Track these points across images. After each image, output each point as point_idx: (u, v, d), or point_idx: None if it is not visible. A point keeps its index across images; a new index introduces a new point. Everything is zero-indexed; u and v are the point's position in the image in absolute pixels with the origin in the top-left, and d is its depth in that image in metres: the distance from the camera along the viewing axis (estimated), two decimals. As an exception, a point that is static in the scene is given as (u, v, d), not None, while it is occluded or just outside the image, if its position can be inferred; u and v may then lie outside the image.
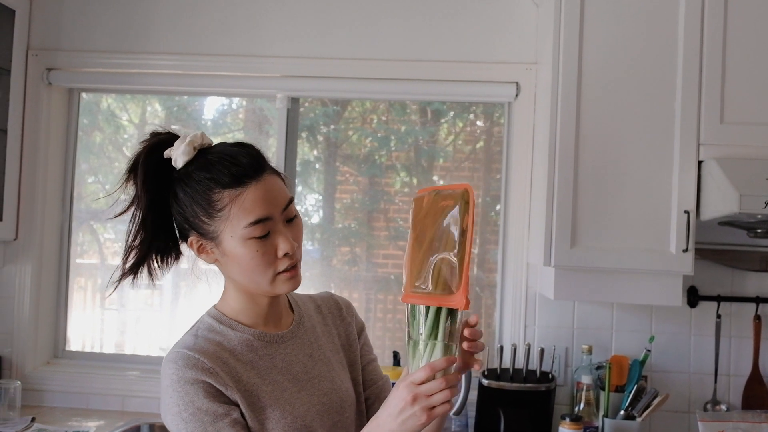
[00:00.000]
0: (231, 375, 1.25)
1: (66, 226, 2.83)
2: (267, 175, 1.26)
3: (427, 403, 1.10)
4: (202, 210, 1.24)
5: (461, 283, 1.11)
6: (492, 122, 2.79)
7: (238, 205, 1.22)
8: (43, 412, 2.55)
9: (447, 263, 1.13)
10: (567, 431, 2.22)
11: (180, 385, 1.22)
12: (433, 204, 1.19)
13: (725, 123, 2.15)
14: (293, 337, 1.36)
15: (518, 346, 2.47)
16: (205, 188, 1.23)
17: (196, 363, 1.22)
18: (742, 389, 2.47)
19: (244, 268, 1.25)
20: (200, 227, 1.26)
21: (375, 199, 2.81)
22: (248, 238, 1.23)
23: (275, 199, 1.25)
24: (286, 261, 1.26)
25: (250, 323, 1.32)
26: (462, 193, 1.14)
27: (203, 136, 1.28)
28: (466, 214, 1.13)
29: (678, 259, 2.14)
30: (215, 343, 1.28)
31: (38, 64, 2.69)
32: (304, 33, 2.65)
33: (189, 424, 1.20)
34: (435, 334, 1.13)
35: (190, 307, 2.84)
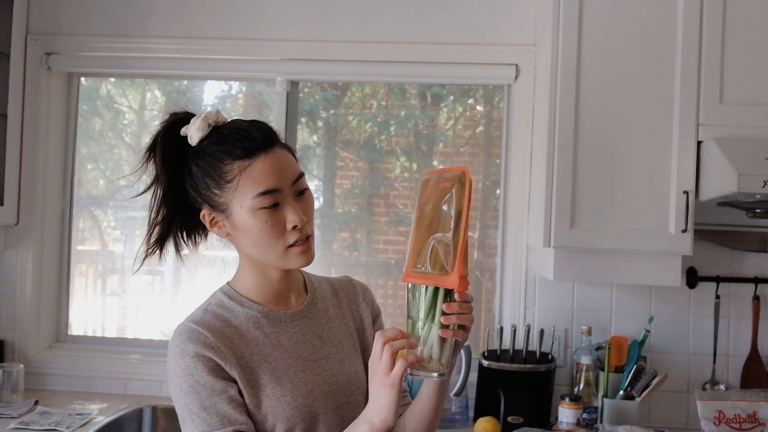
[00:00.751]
0: (233, 351, 1.26)
1: (67, 211, 2.84)
2: (277, 149, 1.28)
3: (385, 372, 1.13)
4: (213, 182, 1.27)
5: (455, 263, 1.11)
6: (492, 106, 2.80)
7: (246, 175, 1.24)
8: (46, 396, 2.57)
9: (443, 244, 1.14)
10: (567, 411, 2.23)
11: (182, 357, 1.25)
12: (434, 186, 1.20)
13: (724, 103, 2.15)
14: (303, 316, 1.37)
15: (518, 327, 2.48)
16: (216, 160, 1.26)
17: (199, 337, 1.25)
18: (740, 369, 2.48)
19: (253, 240, 1.27)
20: (211, 199, 1.28)
21: (375, 184, 2.81)
22: (257, 209, 1.25)
23: (284, 171, 1.27)
24: (295, 234, 1.27)
25: (260, 300, 1.34)
26: (459, 175, 1.15)
27: (218, 113, 1.30)
28: (462, 195, 1.13)
29: (677, 239, 2.15)
30: (222, 318, 1.30)
31: (37, 48, 2.69)
32: (303, 16, 2.65)
33: (187, 396, 1.23)
34: (432, 314, 1.14)
35: (191, 293, 2.85)
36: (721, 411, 2.22)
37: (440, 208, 1.17)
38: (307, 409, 1.28)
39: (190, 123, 1.30)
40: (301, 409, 1.27)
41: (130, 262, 2.89)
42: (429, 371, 1.15)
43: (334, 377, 1.34)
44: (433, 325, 1.14)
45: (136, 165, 1.34)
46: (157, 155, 1.30)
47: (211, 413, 1.21)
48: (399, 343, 1.13)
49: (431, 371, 1.15)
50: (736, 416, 2.21)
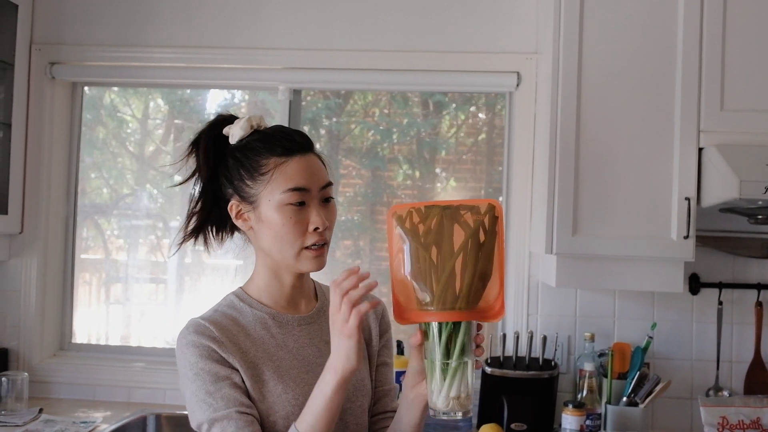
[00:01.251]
0: (237, 347, 1.31)
1: (71, 220, 2.85)
2: (313, 155, 1.35)
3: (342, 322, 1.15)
4: (247, 173, 1.33)
5: (500, 294, 1.12)
6: (494, 114, 2.80)
7: (281, 171, 1.31)
8: (50, 404, 2.57)
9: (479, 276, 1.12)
10: (570, 418, 2.23)
11: (187, 348, 1.30)
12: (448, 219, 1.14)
13: (725, 110, 2.16)
14: (311, 322, 1.40)
15: (521, 334, 2.48)
16: (255, 153, 1.33)
17: (204, 330, 1.31)
18: (743, 375, 2.48)
19: (275, 234, 1.32)
20: (242, 190, 1.34)
21: (378, 192, 2.82)
22: (285, 204, 1.30)
23: (316, 174, 1.33)
24: (315, 236, 1.31)
25: (270, 304, 1.39)
26: (488, 206, 1.14)
27: (262, 118, 1.39)
28: (495, 227, 1.13)
29: (679, 245, 2.15)
30: (230, 318, 1.35)
31: (41, 58, 2.71)
32: (306, 25, 2.67)
33: (193, 384, 1.28)
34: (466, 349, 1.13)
35: (195, 301, 2.86)
36: (724, 417, 2.22)
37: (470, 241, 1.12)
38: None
39: (234, 123, 1.37)
40: (301, 408, 1.28)
41: (133, 270, 2.90)
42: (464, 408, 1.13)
43: None
44: (467, 361, 1.13)
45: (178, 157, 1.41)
46: (200, 149, 1.37)
47: (216, 397, 1.26)
48: (356, 293, 1.15)
49: (467, 407, 1.14)
50: (740, 422, 2.21)
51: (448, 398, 1.13)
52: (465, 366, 1.13)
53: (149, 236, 2.91)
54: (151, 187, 2.94)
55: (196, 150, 1.38)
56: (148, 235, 2.91)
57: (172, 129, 2.96)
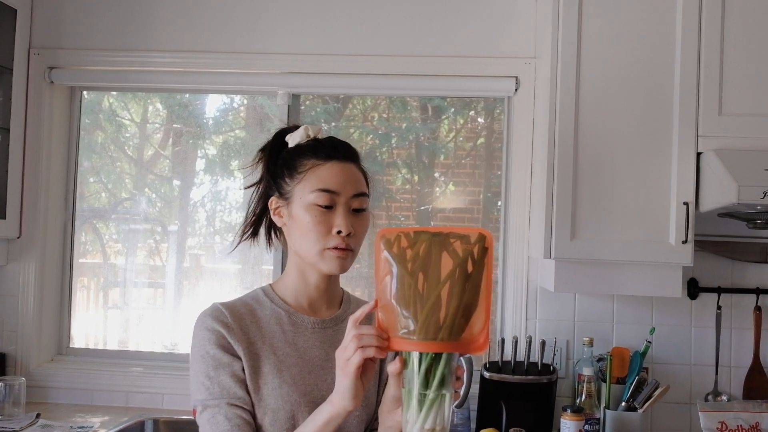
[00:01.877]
0: (246, 336, 1.37)
1: (69, 224, 2.85)
2: (353, 165, 1.41)
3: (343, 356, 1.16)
4: (287, 171, 1.41)
5: (484, 327, 1.09)
6: (493, 118, 2.81)
7: (314, 171, 1.37)
8: (48, 409, 2.57)
9: (464, 308, 1.09)
10: (569, 423, 2.22)
11: (200, 329, 1.37)
12: (436, 246, 1.11)
13: (723, 115, 2.16)
14: (326, 327, 1.44)
15: (520, 338, 2.48)
16: (299, 155, 1.40)
17: (219, 315, 1.38)
18: (743, 380, 2.48)
19: (301, 232, 1.37)
20: (281, 187, 1.41)
21: (377, 196, 2.82)
22: (312, 204, 1.35)
23: (349, 181, 1.38)
24: (337, 239, 1.35)
25: (292, 303, 1.44)
26: (479, 236, 1.10)
27: (320, 130, 1.46)
28: (484, 258, 1.10)
29: (677, 250, 2.15)
30: (249, 308, 1.42)
31: (40, 62, 2.71)
32: (304, 29, 2.67)
33: (197, 364, 1.36)
34: (443, 383, 1.09)
35: (193, 305, 2.85)
36: (723, 422, 2.22)
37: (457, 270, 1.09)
38: (298, 406, 1.33)
39: (295, 131, 1.45)
40: (292, 404, 1.33)
41: (132, 274, 2.90)
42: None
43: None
44: (445, 393, 1.10)
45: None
46: (266, 156, 1.47)
47: (214, 383, 1.33)
48: (367, 340, 1.13)
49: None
50: (739, 427, 2.21)
51: (422, 430, 1.09)
52: (443, 398, 1.09)
53: (147, 240, 2.91)
54: (149, 192, 2.94)
55: (264, 157, 1.47)
56: (147, 239, 2.91)
57: (171, 133, 2.96)
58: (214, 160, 2.90)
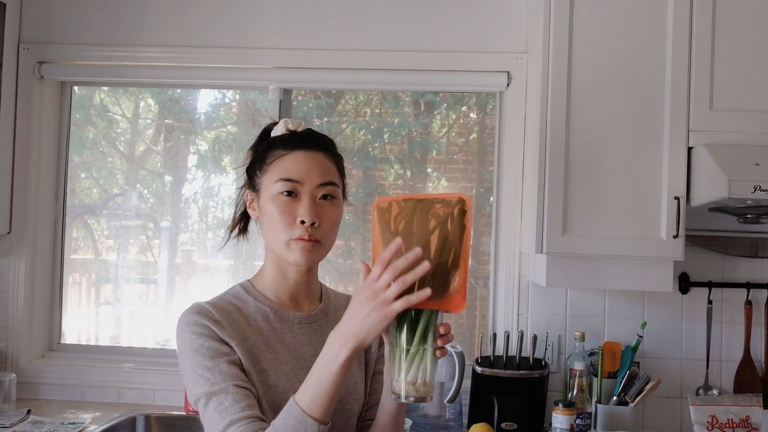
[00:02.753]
0: (237, 332, 1.33)
1: (60, 220, 2.84)
2: (320, 154, 1.38)
3: (384, 297, 1.09)
4: (258, 164, 1.40)
5: (462, 286, 1.12)
6: (485, 114, 2.81)
7: (279, 162, 1.36)
8: (39, 405, 2.55)
9: (442, 268, 1.13)
10: (560, 417, 2.23)
11: (188, 326, 1.32)
12: (420, 211, 1.16)
13: (714, 110, 2.17)
14: (311, 322, 1.41)
15: (511, 333, 2.48)
16: (270, 147, 1.39)
17: (206, 312, 1.34)
18: (733, 374, 2.49)
19: (267, 223, 1.36)
20: (254, 180, 1.41)
21: (369, 192, 2.82)
22: (276, 194, 1.34)
23: (313, 170, 1.35)
24: (301, 229, 1.33)
25: (274, 298, 1.41)
26: (458, 200, 1.15)
27: (301, 123, 1.43)
28: (463, 220, 1.14)
29: (668, 245, 2.15)
30: (234, 306, 1.38)
31: (30, 57, 2.69)
32: (296, 24, 2.66)
33: (192, 359, 1.29)
34: (426, 337, 1.14)
35: (185, 301, 2.84)
36: (714, 416, 2.23)
37: (435, 232, 1.14)
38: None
39: (276, 126, 1.44)
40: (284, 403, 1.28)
41: (123, 270, 2.89)
42: (422, 395, 1.14)
43: None
44: (426, 348, 1.14)
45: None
46: (253, 153, 1.44)
47: (214, 372, 1.27)
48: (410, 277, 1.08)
49: (424, 394, 1.14)
50: (729, 421, 2.21)
51: (405, 383, 1.13)
52: (424, 352, 1.13)
53: (139, 236, 2.90)
54: (141, 187, 2.93)
55: (251, 154, 1.45)
56: (138, 235, 2.90)
57: (163, 129, 2.95)
58: (206, 155, 2.89)
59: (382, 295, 1.09)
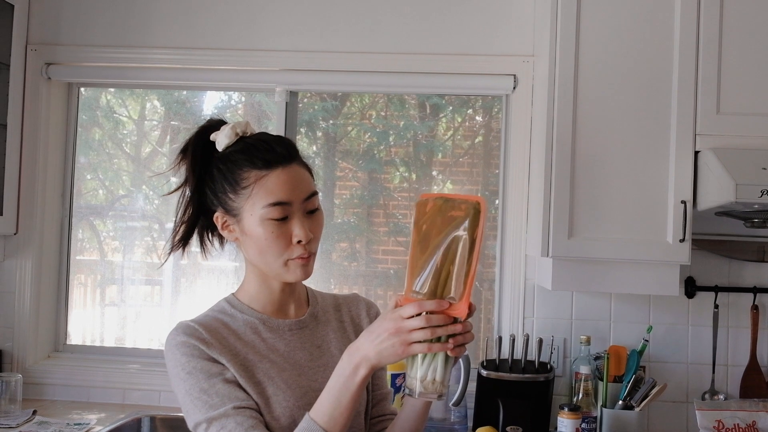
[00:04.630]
0: (227, 348, 1.30)
1: (66, 221, 2.85)
2: (296, 165, 1.33)
3: (406, 337, 1.12)
4: (229, 186, 1.31)
5: (464, 292, 1.12)
6: (491, 117, 2.80)
7: (261, 185, 1.29)
8: (45, 405, 2.56)
9: (450, 271, 1.13)
10: (566, 421, 2.22)
11: (177, 348, 1.29)
12: (441, 211, 1.18)
13: (721, 113, 2.16)
14: (302, 327, 1.40)
15: (517, 336, 2.48)
16: (236, 166, 1.31)
17: (194, 332, 1.30)
18: (739, 379, 2.48)
19: (259, 248, 1.31)
20: (226, 203, 1.33)
21: (374, 194, 2.82)
22: (266, 219, 1.29)
23: (298, 186, 1.31)
24: (299, 248, 1.31)
25: (261, 309, 1.38)
26: (474, 204, 1.15)
27: (247, 124, 1.36)
28: (476, 225, 1.13)
29: (675, 249, 2.15)
30: (221, 322, 1.35)
31: (37, 58, 2.70)
32: (303, 27, 2.67)
33: (186, 383, 1.27)
34: (437, 338, 1.13)
35: (190, 302, 2.85)
36: (720, 421, 2.22)
37: (449, 234, 1.15)
38: (299, 410, 1.29)
39: (220, 130, 1.35)
40: (292, 410, 1.29)
41: (129, 271, 2.89)
42: (431, 392, 1.16)
43: None
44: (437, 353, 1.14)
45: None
46: (188, 158, 1.36)
47: (211, 394, 1.25)
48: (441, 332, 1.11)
49: (433, 392, 1.16)
50: (736, 426, 2.21)
51: (417, 379, 1.15)
52: (435, 354, 1.14)
53: (145, 238, 2.91)
54: (146, 189, 2.93)
55: (185, 158, 1.36)
56: (144, 236, 2.90)
57: (169, 130, 2.95)
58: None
59: (405, 335, 1.11)
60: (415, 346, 1.11)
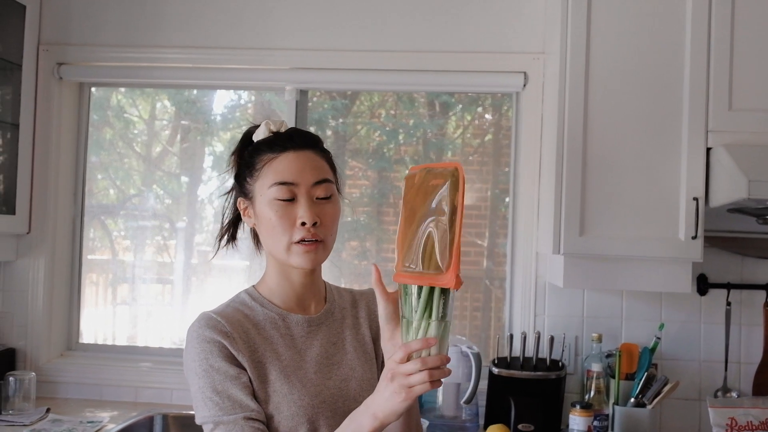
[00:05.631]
0: (247, 343, 1.31)
1: (78, 220, 2.86)
2: (311, 152, 1.36)
3: (405, 382, 1.11)
4: (247, 170, 1.37)
5: (451, 261, 1.10)
6: (500, 114, 2.80)
7: (270, 166, 1.34)
8: (58, 403, 2.58)
9: (437, 242, 1.12)
10: (578, 419, 2.22)
11: (198, 342, 1.30)
12: (423, 182, 1.18)
13: (733, 110, 2.15)
14: (320, 323, 1.41)
15: (528, 334, 2.47)
16: (256, 152, 1.37)
17: (216, 324, 1.31)
18: (752, 376, 2.47)
19: (266, 229, 1.34)
20: (245, 187, 1.38)
21: (384, 193, 2.82)
22: (273, 199, 1.32)
23: (307, 170, 1.34)
24: (303, 231, 1.31)
25: (281, 304, 1.39)
26: (452, 171, 1.14)
27: (283, 123, 1.40)
28: (456, 192, 1.12)
29: (687, 246, 2.14)
30: (242, 314, 1.36)
31: (49, 58, 2.72)
32: (313, 25, 2.67)
33: (201, 380, 1.28)
34: (429, 312, 1.13)
35: (201, 301, 2.86)
36: (733, 418, 2.21)
37: (432, 205, 1.14)
38: (313, 409, 1.30)
39: (258, 129, 1.40)
40: (306, 408, 1.30)
41: (140, 270, 2.90)
42: None
43: (344, 382, 1.37)
44: (431, 322, 1.13)
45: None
46: (236, 159, 1.42)
47: (223, 397, 1.26)
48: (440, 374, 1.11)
49: None
50: (749, 423, 2.20)
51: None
52: (426, 327, 1.13)
53: (156, 237, 2.92)
54: (157, 188, 2.94)
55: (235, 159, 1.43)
56: (155, 235, 2.92)
57: (179, 130, 2.96)
58: (222, 156, 2.90)
59: (403, 380, 1.11)
60: (415, 388, 1.11)
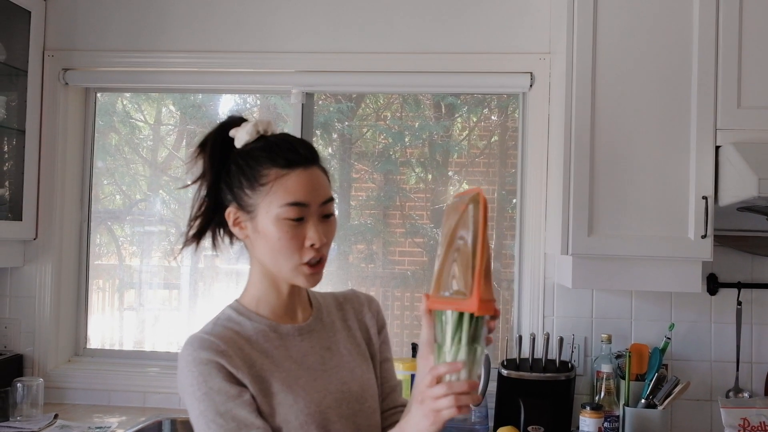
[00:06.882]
0: (244, 359, 1.28)
1: (84, 225, 2.86)
2: (316, 168, 1.32)
3: (433, 406, 1.11)
4: (247, 181, 1.29)
5: (473, 286, 1.09)
6: (506, 115, 2.79)
7: (280, 183, 1.27)
8: (66, 409, 2.58)
9: (463, 267, 1.12)
10: (588, 420, 2.20)
11: (195, 365, 1.25)
12: (453, 209, 1.19)
13: (742, 108, 2.14)
14: (310, 330, 1.39)
15: (537, 336, 2.46)
16: (257, 162, 1.29)
17: (210, 345, 1.27)
18: (764, 376, 2.45)
19: (271, 247, 1.29)
20: (241, 198, 1.31)
21: (390, 195, 2.81)
22: (282, 218, 1.27)
23: (317, 190, 1.30)
24: (311, 252, 1.29)
25: (268, 314, 1.36)
26: (474, 196, 1.14)
27: (270, 123, 1.34)
28: (477, 216, 1.12)
29: (697, 245, 2.13)
30: (232, 330, 1.32)
31: (54, 64, 2.72)
32: (318, 28, 2.67)
33: (202, 403, 1.24)
34: (459, 337, 1.13)
35: (208, 306, 2.86)
36: (745, 419, 2.19)
37: (458, 231, 1.15)
38: (320, 416, 1.29)
39: (241, 126, 1.33)
40: (314, 416, 1.28)
41: (147, 276, 2.90)
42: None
43: (346, 385, 1.35)
44: (460, 347, 1.12)
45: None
46: (206, 152, 1.34)
47: (227, 418, 1.22)
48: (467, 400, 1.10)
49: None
50: (762, 424, 2.18)
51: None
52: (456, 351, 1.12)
53: (162, 242, 2.91)
54: (164, 193, 2.94)
55: (203, 152, 1.35)
56: (161, 240, 2.91)
57: (185, 135, 2.96)
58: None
59: (431, 404, 1.11)
60: (443, 413, 1.11)
